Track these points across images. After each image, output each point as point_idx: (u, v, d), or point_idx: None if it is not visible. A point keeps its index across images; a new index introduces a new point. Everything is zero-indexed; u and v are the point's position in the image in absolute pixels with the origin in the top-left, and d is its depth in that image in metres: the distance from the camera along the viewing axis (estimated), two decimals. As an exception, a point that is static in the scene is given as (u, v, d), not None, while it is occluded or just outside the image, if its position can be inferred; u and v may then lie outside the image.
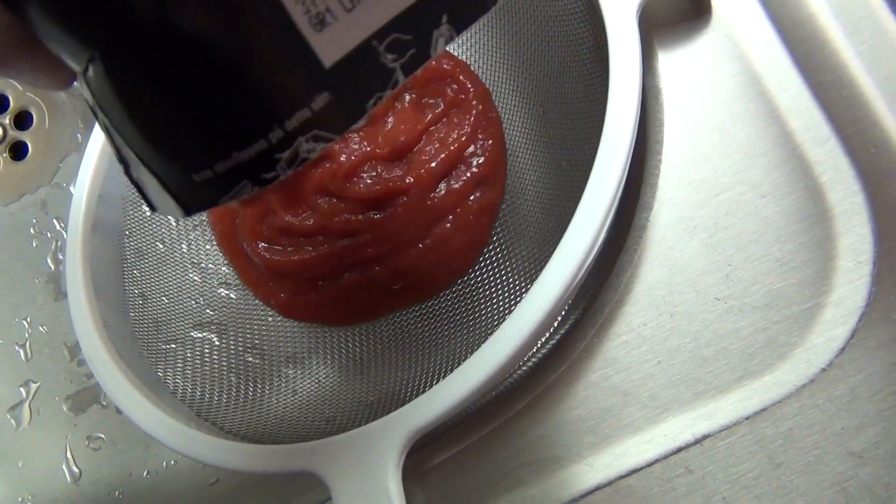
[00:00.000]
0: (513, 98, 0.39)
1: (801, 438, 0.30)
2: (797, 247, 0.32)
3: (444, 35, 0.18)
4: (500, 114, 0.39)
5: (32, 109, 0.50)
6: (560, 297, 0.26)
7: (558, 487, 0.31)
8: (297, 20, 0.16)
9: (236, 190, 0.17)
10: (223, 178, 0.17)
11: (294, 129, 0.17)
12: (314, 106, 0.17)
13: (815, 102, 0.33)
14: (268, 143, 0.17)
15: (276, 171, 0.17)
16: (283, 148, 0.17)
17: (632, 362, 0.31)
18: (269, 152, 0.17)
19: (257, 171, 0.17)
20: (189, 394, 0.36)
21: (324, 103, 0.17)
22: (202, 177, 0.17)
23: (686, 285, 0.32)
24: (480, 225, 0.37)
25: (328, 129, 0.17)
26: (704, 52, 0.34)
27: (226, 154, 0.17)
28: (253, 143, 0.17)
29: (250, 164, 0.17)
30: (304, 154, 0.17)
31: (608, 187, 0.27)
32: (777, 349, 0.31)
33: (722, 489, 0.30)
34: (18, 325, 0.47)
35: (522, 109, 0.38)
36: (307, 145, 0.17)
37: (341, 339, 0.38)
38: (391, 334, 0.37)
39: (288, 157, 0.17)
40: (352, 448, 0.28)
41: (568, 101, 0.35)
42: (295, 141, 0.17)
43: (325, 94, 0.16)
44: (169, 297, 0.40)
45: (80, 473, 0.45)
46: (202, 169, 0.17)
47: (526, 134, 0.38)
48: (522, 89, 0.39)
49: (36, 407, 0.46)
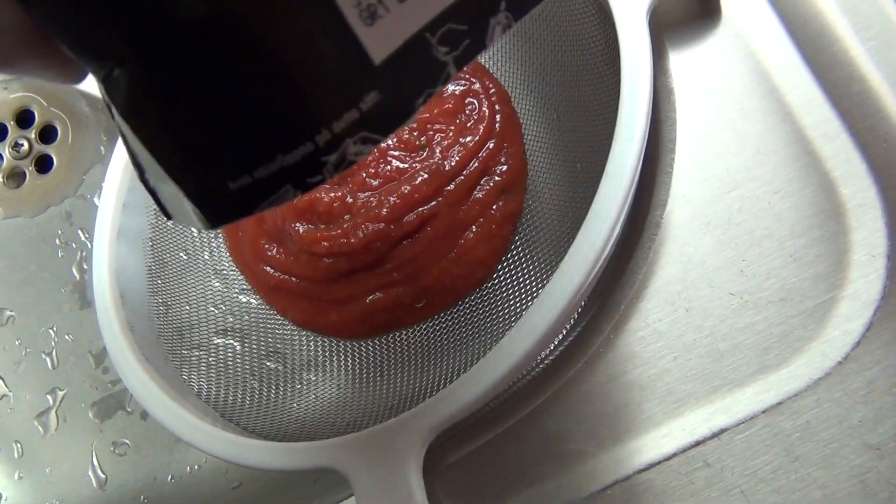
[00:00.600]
0: (527, 101, 0.39)
1: (818, 431, 0.30)
2: (811, 241, 0.32)
3: (501, 23, 0.17)
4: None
5: (57, 123, 0.51)
6: (575, 294, 0.27)
7: (577, 482, 0.31)
8: (347, 14, 0.15)
9: (277, 196, 0.17)
10: (263, 183, 0.16)
11: (342, 130, 0.16)
12: (363, 106, 0.16)
13: (826, 99, 0.33)
14: (315, 145, 0.16)
15: (321, 175, 0.16)
16: (330, 151, 0.16)
17: (648, 358, 0.32)
18: (315, 155, 0.16)
19: (301, 175, 0.16)
20: (213, 396, 0.36)
21: (373, 103, 0.16)
22: (239, 183, 0.16)
23: (701, 281, 0.32)
24: (503, 234, 0.37)
25: (377, 131, 0.16)
26: (715, 51, 0.35)
27: (269, 158, 0.16)
28: (299, 146, 0.16)
29: (295, 167, 0.16)
30: (351, 157, 0.16)
31: (620, 187, 0.27)
32: (792, 343, 0.31)
33: (740, 482, 0.30)
34: (45, 333, 0.48)
35: (537, 113, 0.39)
36: (355, 147, 0.16)
37: (361, 345, 0.39)
38: (411, 339, 0.38)
39: (335, 161, 0.16)
40: (373, 444, 0.28)
41: (581, 103, 0.36)
42: (342, 143, 0.16)
43: (374, 93, 0.16)
44: (192, 304, 0.41)
45: (106, 479, 0.46)
46: (240, 175, 0.16)
47: (541, 137, 0.38)
48: (537, 92, 0.39)
49: (63, 414, 0.47)
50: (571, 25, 0.35)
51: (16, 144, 0.51)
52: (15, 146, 0.51)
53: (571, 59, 0.36)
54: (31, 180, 0.51)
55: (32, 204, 0.51)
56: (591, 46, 0.34)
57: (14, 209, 0.50)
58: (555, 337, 0.29)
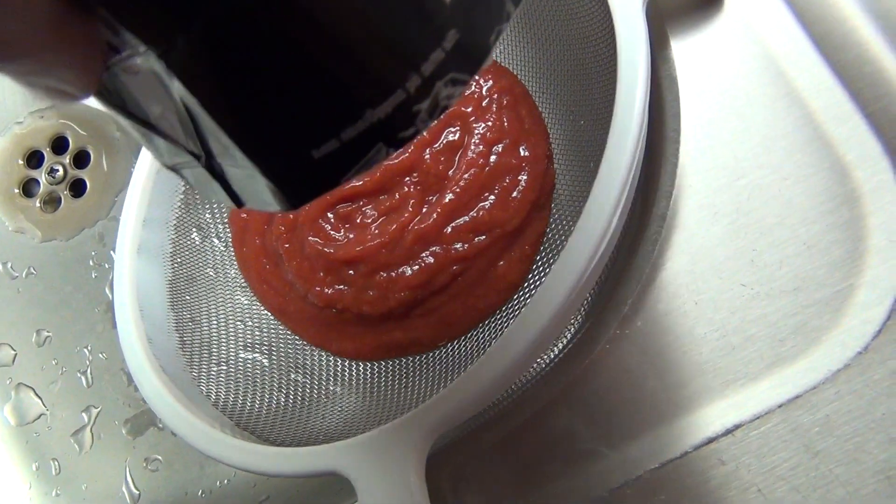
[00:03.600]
0: (540, 102, 0.39)
1: (839, 426, 0.29)
2: (825, 228, 0.31)
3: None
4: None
5: (90, 149, 0.53)
6: (573, 289, 0.26)
7: (587, 482, 0.30)
8: None
9: (368, 157, 0.16)
10: (353, 145, 0.15)
11: (432, 72, 0.15)
12: (446, 45, 0.15)
13: (836, 81, 0.32)
14: (406, 93, 0.15)
15: (415, 126, 0.15)
16: (422, 97, 0.15)
17: (657, 353, 0.31)
18: (407, 104, 0.15)
19: (394, 130, 0.15)
20: (230, 406, 0.37)
21: (454, 41, 0.15)
22: (325, 150, 0.15)
23: (710, 272, 0.31)
24: (533, 254, 0.36)
25: (463, 70, 0.15)
26: (718, 37, 0.34)
27: (357, 115, 0.15)
28: (389, 95, 0.15)
29: (387, 121, 0.15)
30: (444, 101, 0.15)
31: (617, 177, 0.27)
32: (808, 334, 0.30)
33: (757, 480, 0.29)
34: (80, 353, 0.49)
35: (552, 113, 0.38)
36: (446, 90, 0.15)
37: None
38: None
39: (428, 107, 0.15)
40: (374, 446, 0.28)
41: (591, 100, 0.35)
42: (434, 87, 0.15)
43: (453, 31, 0.15)
44: (218, 320, 0.41)
45: (140, 495, 0.47)
46: (326, 140, 0.15)
47: (556, 138, 0.38)
48: (550, 92, 0.39)
49: (97, 431, 0.48)
50: (577, 23, 0.35)
51: (51, 170, 0.52)
52: (51, 172, 0.52)
53: (580, 55, 0.35)
54: (66, 204, 0.52)
55: (67, 227, 0.52)
56: (595, 42, 0.33)
57: (50, 233, 0.52)
58: (556, 334, 0.29)
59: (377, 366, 0.38)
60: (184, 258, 0.42)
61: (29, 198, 0.52)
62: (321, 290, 0.37)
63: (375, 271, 0.36)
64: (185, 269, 0.42)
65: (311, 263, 0.38)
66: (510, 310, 0.34)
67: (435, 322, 0.36)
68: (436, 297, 0.35)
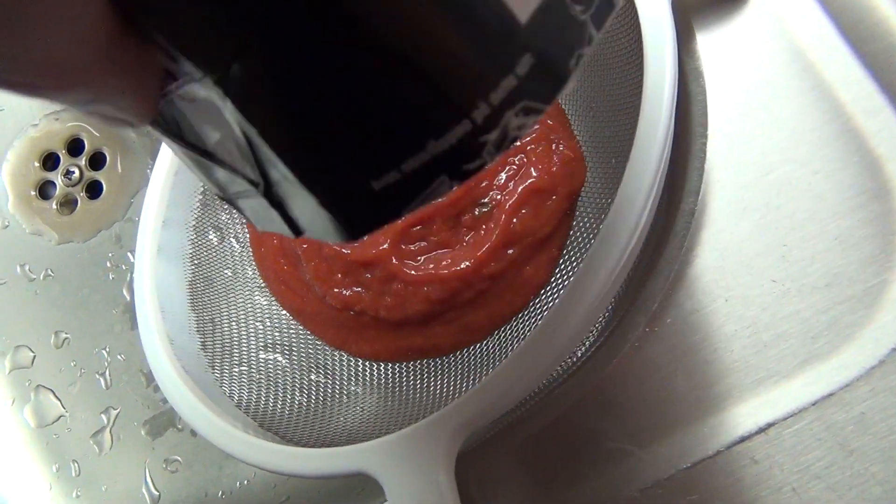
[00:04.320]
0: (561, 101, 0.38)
1: (874, 423, 0.28)
2: (856, 222, 0.30)
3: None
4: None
5: (106, 150, 0.53)
6: (604, 286, 0.26)
7: (616, 482, 0.30)
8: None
9: (429, 190, 0.15)
10: (413, 178, 0.14)
11: (501, 101, 0.14)
12: (519, 71, 0.14)
13: (866, 73, 0.32)
14: (472, 123, 0.14)
15: (482, 158, 0.14)
16: (490, 127, 0.14)
17: (686, 351, 0.30)
18: (473, 135, 0.14)
19: (459, 162, 0.14)
20: (253, 407, 0.37)
21: (528, 66, 0.14)
22: (385, 182, 0.14)
23: (739, 269, 0.31)
24: (558, 254, 0.35)
25: (537, 98, 0.14)
26: (745, 29, 0.34)
27: (419, 147, 0.14)
28: (455, 126, 0.14)
29: (451, 153, 0.14)
30: (513, 132, 0.14)
31: (646, 174, 0.26)
32: (842, 330, 0.29)
33: (791, 479, 0.28)
34: (98, 354, 0.49)
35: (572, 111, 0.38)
36: (517, 120, 0.14)
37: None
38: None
39: (497, 138, 0.14)
40: (403, 446, 0.28)
41: (611, 95, 0.35)
42: (503, 117, 0.14)
43: (528, 55, 0.14)
44: (237, 321, 0.41)
45: (159, 496, 0.46)
46: (387, 172, 0.14)
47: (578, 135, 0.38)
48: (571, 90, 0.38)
49: (116, 433, 0.48)
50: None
51: (67, 172, 0.52)
52: (67, 174, 0.52)
53: (603, 54, 0.35)
54: (83, 206, 0.52)
55: (84, 229, 0.52)
56: (619, 39, 0.33)
57: (67, 235, 0.52)
58: (586, 331, 0.28)
59: (397, 366, 0.38)
60: (202, 259, 0.41)
61: (45, 200, 0.52)
62: (339, 291, 0.37)
63: (395, 274, 0.35)
64: (204, 269, 0.41)
65: (329, 264, 0.37)
66: (533, 309, 0.34)
67: (456, 330, 0.35)
68: (458, 309, 0.35)
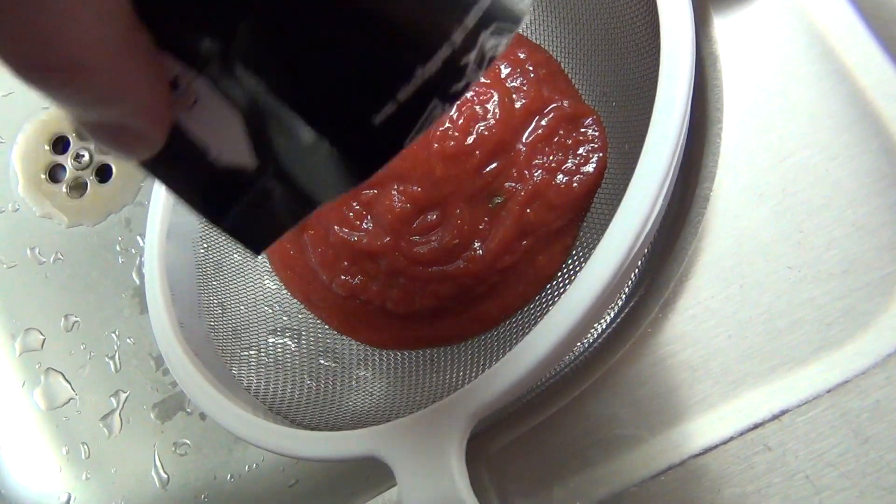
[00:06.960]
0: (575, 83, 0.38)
1: (890, 411, 0.28)
2: (874, 209, 0.30)
3: None
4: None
5: (115, 133, 0.53)
6: (617, 271, 0.26)
7: (628, 468, 0.30)
8: None
9: (426, 116, 0.16)
10: (409, 106, 0.15)
11: (476, 23, 0.15)
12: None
13: (887, 58, 0.31)
14: (452, 46, 0.15)
15: (465, 78, 0.16)
16: (468, 48, 0.15)
17: (700, 337, 0.30)
18: (455, 57, 0.15)
19: (446, 84, 0.16)
20: (262, 391, 0.37)
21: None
22: (384, 114, 0.15)
23: (755, 255, 0.30)
24: (570, 246, 0.34)
25: (507, 19, 0.16)
26: (762, 13, 0.33)
27: (409, 74, 0.15)
28: (437, 50, 0.15)
29: (438, 77, 0.15)
30: (490, 51, 0.16)
31: (661, 160, 0.26)
32: (857, 318, 0.29)
33: (804, 467, 0.28)
34: (108, 338, 0.49)
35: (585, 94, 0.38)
36: (492, 40, 0.16)
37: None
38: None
39: (476, 58, 0.16)
40: (414, 430, 0.28)
41: (625, 80, 0.35)
42: (479, 37, 0.15)
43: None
44: (246, 305, 0.41)
45: (168, 479, 0.47)
46: (384, 104, 0.15)
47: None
48: (583, 74, 0.38)
49: (126, 416, 0.48)
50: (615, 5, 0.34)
51: (77, 156, 0.52)
52: (77, 157, 0.52)
53: (612, 34, 0.35)
54: (93, 189, 0.52)
55: (94, 213, 0.52)
56: (632, 20, 0.33)
57: (77, 218, 0.52)
58: (598, 318, 0.28)
59: (407, 352, 0.38)
60: (212, 243, 0.41)
61: (55, 183, 0.52)
62: (346, 279, 0.37)
63: (401, 270, 0.35)
64: (213, 253, 0.41)
65: (335, 252, 0.37)
66: (546, 295, 0.34)
67: (466, 320, 0.35)
68: (469, 302, 0.35)
